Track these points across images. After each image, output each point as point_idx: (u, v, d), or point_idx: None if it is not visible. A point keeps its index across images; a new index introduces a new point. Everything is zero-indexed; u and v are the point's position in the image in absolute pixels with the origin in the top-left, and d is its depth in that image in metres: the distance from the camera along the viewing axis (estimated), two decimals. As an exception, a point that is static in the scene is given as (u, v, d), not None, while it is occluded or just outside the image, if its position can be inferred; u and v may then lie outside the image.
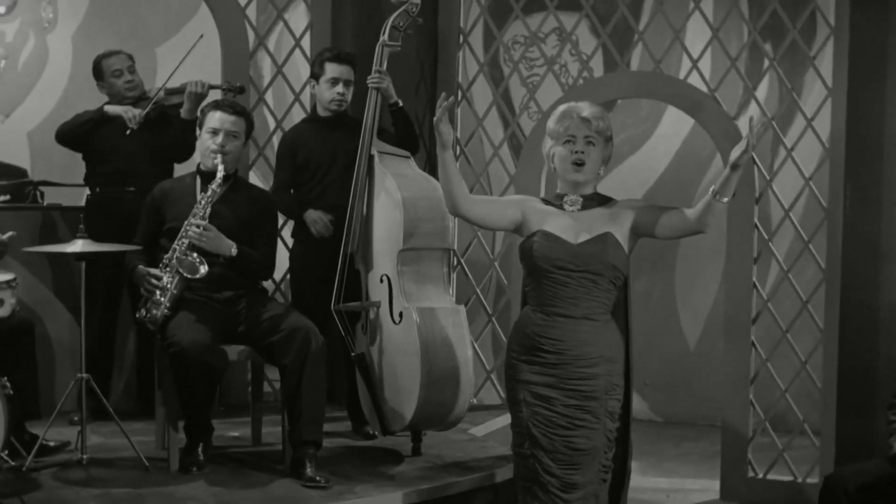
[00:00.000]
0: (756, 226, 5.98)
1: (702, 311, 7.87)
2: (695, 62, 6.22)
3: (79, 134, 5.90)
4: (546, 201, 4.17)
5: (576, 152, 4.03)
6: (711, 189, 3.86)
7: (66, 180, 6.38)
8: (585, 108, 4.07)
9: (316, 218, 5.47)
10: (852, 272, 5.78)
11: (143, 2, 8.08)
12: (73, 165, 6.17)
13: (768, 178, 6.06)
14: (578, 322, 3.98)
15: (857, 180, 5.75)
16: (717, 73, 6.53)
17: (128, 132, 5.73)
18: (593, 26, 7.06)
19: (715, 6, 7.20)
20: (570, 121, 4.05)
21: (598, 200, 4.11)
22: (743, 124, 6.25)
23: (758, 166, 5.99)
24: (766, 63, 6.69)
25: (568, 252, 3.98)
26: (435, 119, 4.02)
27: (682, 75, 6.63)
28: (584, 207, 4.08)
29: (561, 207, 4.10)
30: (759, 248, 6.01)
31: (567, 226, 4.04)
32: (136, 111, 5.77)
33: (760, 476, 6.00)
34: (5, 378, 4.27)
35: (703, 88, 6.14)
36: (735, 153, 3.78)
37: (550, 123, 4.09)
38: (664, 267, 8.05)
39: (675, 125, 7.74)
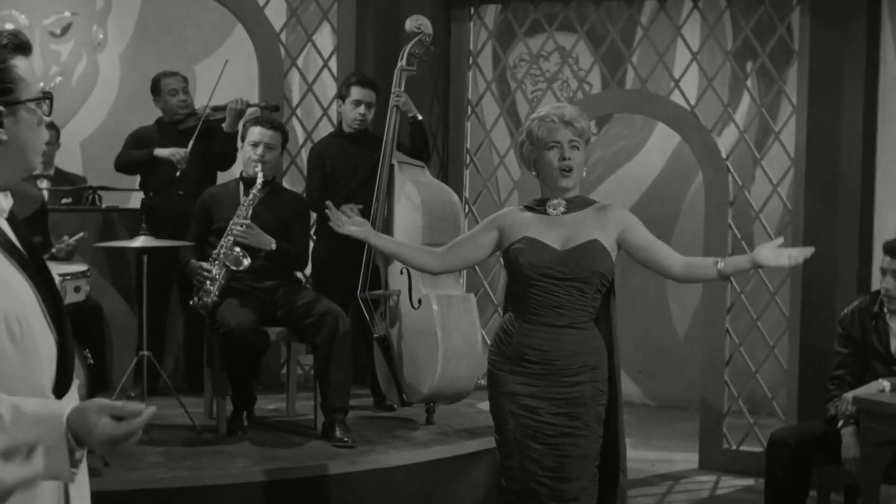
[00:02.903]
0: (730, 226, 6.71)
1: (690, 305, 8.44)
2: (676, 82, 6.96)
3: (132, 170, 6.67)
4: (527, 208, 4.07)
5: (564, 159, 3.92)
6: (717, 265, 3.91)
7: (113, 185, 7.05)
8: (567, 111, 3.97)
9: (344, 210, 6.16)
10: (813, 268, 6.45)
11: (183, 24, 8.67)
12: (113, 172, 6.86)
13: (740, 183, 6.80)
14: (564, 331, 3.90)
15: (817, 185, 6.45)
16: (703, 91, 7.26)
17: (178, 173, 6.35)
18: (592, 45, 7.80)
19: (701, 29, 7.90)
20: (553, 125, 3.93)
21: (583, 203, 4.02)
22: (723, 141, 7.03)
23: (732, 174, 6.74)
24: (749, 81, 7.46)
25: (554, 259, 3.89)
26: (339, 229, 4.19)
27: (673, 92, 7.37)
28: (568, 210, 3.98)
29: (544, 212, 3.99)
30: (733, 246, 6.75)
31: (552, 231, 3.95)
32: (182, 152, 6.42)
33: (734, 448, 6.71)
34: (87, 350, 5.01)
35: (686, 105, 6.88)
36: (767, 258, 3.85)
37: (532, 128, 3.98)
38: None
39: (665, 137, 8.29)
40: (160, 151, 6.52)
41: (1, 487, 1.97)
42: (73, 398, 2.18)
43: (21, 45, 2.13)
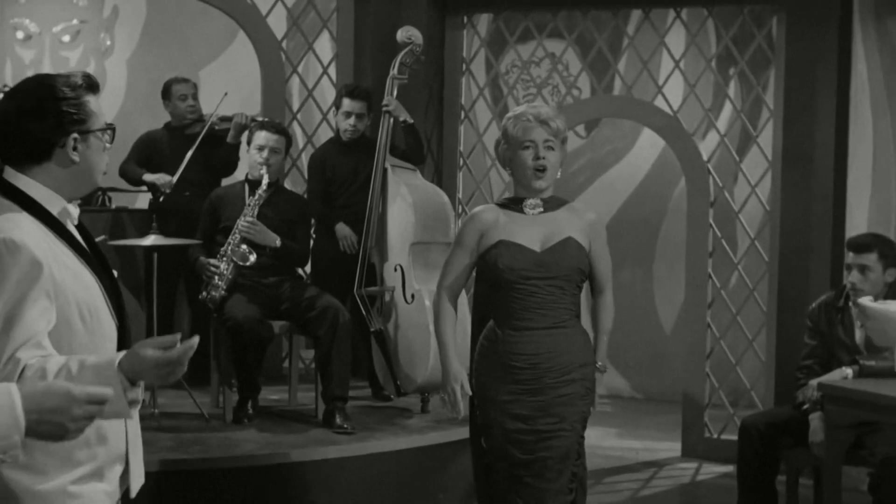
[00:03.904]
0: (711, 225, 7.04)
1: (676, 301, 8.63)
2: (660, 88, 7.30)
3: (128, 181, 7.03)
4: (502, 206, 4.09)
5: (538, 158, 3.92)
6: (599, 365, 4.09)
7: (117, 186, 7.27)
8: (542, 111, 3.97)
9: (346, 234, 6.42)
10: (788, 265, 6.80)
11: (188, 31, 8.91)
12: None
13: (721, 185, 7.13)
14: (549, 332, 3.93)
15: (792, 187, 6.77)
16: (686, 96, 7.60)
17: (161, 199, 6.64)
18: (581, 52, 8.14)
19: (686, 37, 8.18)
20: (528, 124, 3.93)
21: (557, 203, 4.05)
22: (707, 144, 7.37)
23: (713, 176, 7.07)
24: (732, 86, 7.80)
25: (533, 261, 3.91)
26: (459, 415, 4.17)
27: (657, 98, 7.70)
28: (545, 210, 4.01)
29: (521, 212, 4.01)
30: (714, 244, 7.09)
31: (528, 232, 3.97)
32: (168, 179, 6.71)
33: (715, 437, 7.03)
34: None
35: (669, 111, 7.21)
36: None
37: (507, 127, 4.00)
38: (644, 262, 8.92)
39: (652, 140, 8.50)
40: (147, 176, 6.84)
41: None
42: None
43: (92, 86, 2.64)
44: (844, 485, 5.44)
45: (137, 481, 2.79)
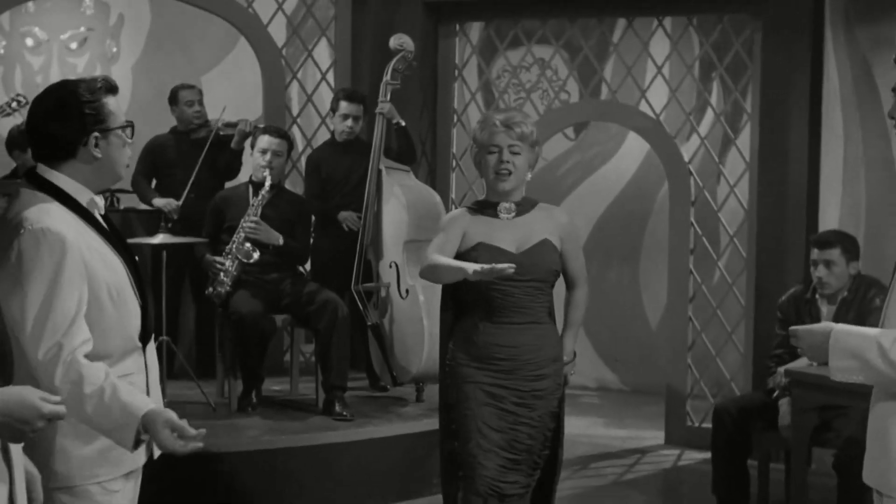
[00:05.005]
0: (692, 224, 7.36)
1: (661, 297, 8.65)
2: (643, 93, 7.63)
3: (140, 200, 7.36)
4: (475, 209, 4.20)
5: (502, 162, 4.03)
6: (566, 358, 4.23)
7: (125, 187, 7.51)
8: (508, 116, 4.07)
9: (346, 216, 6.75)
10: (765, 261, 7.09)
11: (191, 38, 9.17)
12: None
13: (702, 185, 7.45)
14: (528, 327, 4.08)
15: (768, 187, 7.08)
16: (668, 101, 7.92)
17: (169, 225, 6.77)
18: (569, 57, 8.46)
19: (670, 43, 8.52)
20: (494, 129, 4.05)
21: (530, 204, 4.18)
22: (690, 146, 7.68)
23: (694, 177, 7.39)
24: (714, 91, 8.12)
25: (511, 263, 3.93)
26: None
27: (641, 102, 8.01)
28: (518, 214, 4.14)
29: (496, 216, 4.13)
30: (695, 242, 7.41)
31: (504, 235, 4.09)
32: (175, 204, 7.00)
33: (696, 425, 7.35)
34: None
35: (652, 115, 7.53)
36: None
37: (476, 132, 4.13)
38: (631, 260, 9.18)
39: (638, 143, 8.67)
40: (157, 202, 7.14)
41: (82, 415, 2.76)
42: (151, 350, 3.02)
43: (111, 88, 2.94)
44: (816, 469, 5.80)
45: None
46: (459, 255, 4.09)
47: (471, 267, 3.89)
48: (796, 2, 6.96)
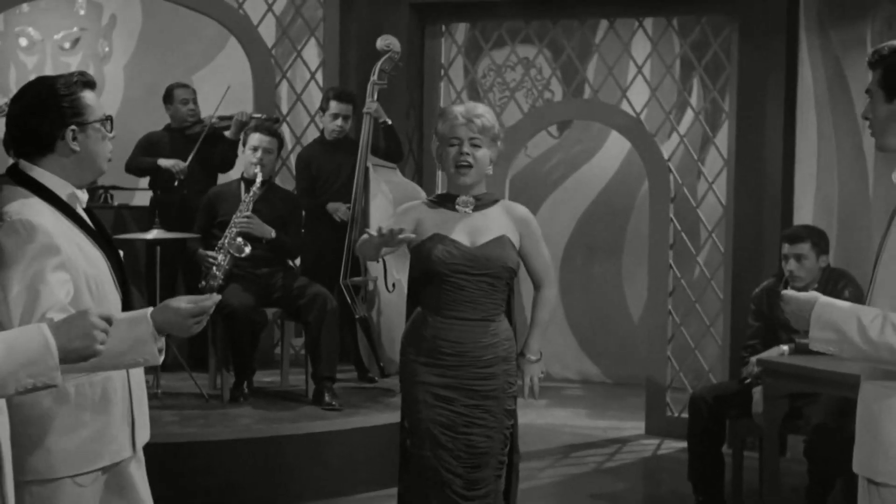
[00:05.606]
0: (671, 219, 7.55)
1: (644, 291, 8.74)
2: (624, 92, 7.83)
3: (139, 174, 7.49)
4: (435, 202, 4.15)
5: (462, 153, 3.97)
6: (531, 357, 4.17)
7: (122, 185, 7.83)
8: (468, 109, 4.02)
9: (336, 207, 6.93)
10: (742, 256, 7.29)
11: (182, 37, 9.28)
12: (124, 174, 7.55)
13: (681, 182, 7.66)
14: (477, 323, 3.99)
15: (745, 184, 7.28)
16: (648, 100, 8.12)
17: (176, 183, 7.02)
18: (553, 57, 8.66)
19: (650, 43, 8.71)
20: (455, 121, 3.99)
21: (490, 200, 4.11)
22: (670, 144, 7.88)
23: (673, 174, 7.59)
24: (694, 90, 8.32)
25: (465, 256, 3.95)
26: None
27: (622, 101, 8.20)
28: (476, 208, 4.07)
29: (453, 209, 4.06)
30: (675, 237, 7.60)
31: (461, 228, 4.02)
32: (182, 164, 7.17)
33: (676, 415, 7.53)
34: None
35: (633, 113, 7.73)
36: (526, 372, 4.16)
37: (437, 125, 4.08)
38: (614, 255, 9.34)
39: (620, 141, 8.81)
40: (164, 162, 7.26)
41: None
42: None
43: (87, 82, 3.01)
44: (790, 456, 6.00)
45: (142, 437, 3.15)
46: (416, 247, 4.04)
47: (374, 229, 3.89)
48: (771, 4, 7.16)
